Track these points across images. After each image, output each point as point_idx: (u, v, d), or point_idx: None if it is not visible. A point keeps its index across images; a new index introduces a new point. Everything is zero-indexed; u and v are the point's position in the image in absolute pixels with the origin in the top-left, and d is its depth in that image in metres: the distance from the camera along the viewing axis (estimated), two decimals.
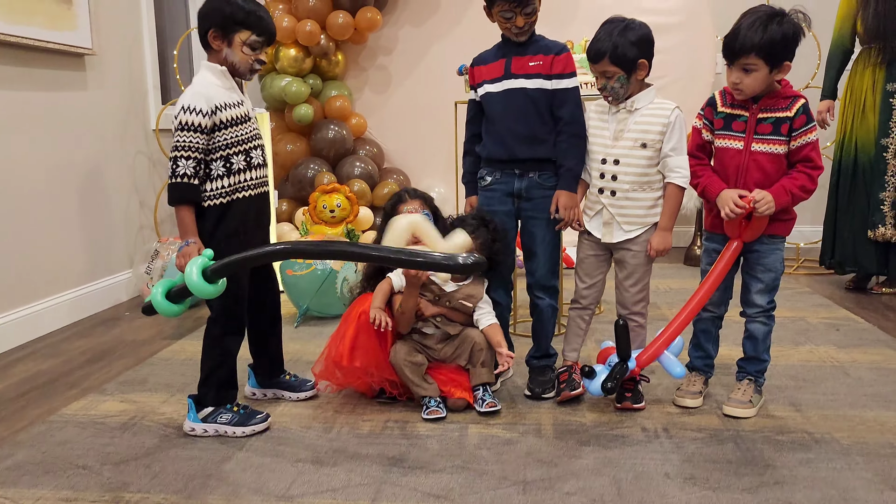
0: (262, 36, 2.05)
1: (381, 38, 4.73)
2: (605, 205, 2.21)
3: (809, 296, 3.62)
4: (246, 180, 2.09)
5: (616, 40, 2.08)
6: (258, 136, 2.16)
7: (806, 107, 2.04)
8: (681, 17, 4.54)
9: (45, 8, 3.15)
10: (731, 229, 2.09)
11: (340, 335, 2.29)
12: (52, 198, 3.27)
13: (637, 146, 2.15)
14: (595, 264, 2.30)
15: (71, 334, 3.17)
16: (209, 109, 1.97)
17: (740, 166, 2.10)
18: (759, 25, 1.97)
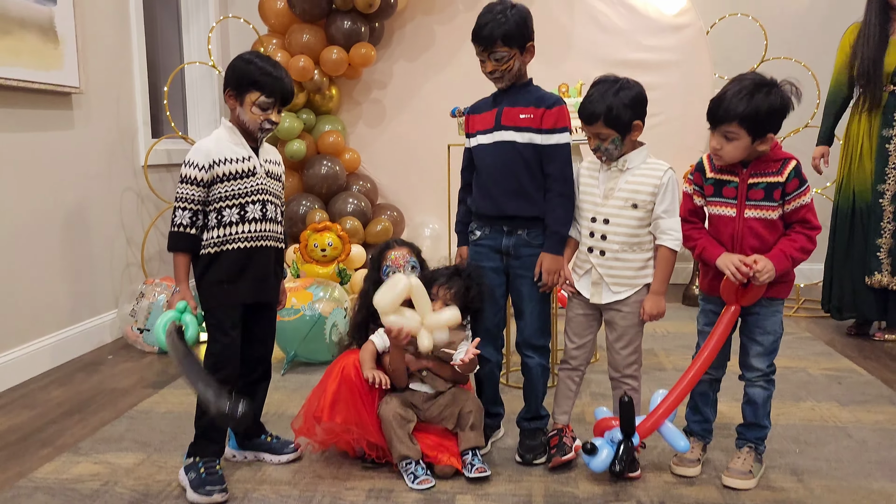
0: (271, 97, 2.09)
1: (375, 72, 4.68)
2: (594, 264, 2.13)
3: (810, 342, 3.54)
4: (238, 233, 2.10)
5: (610, 102, 2.01)
6: (263, 191, 2.14)
7: (798, 169, 1.97)
8: (678, 55, 4.50)
9: (31, 48, 3.09)
10: (728, 295, 2.01)
11: (321, 390, 2.23)
12: (34, 239, 3.19)
13: (628, 206, 2.08)
14: (585, 324, 2.21)
15: (50, 381, 3.07)
16: (206, 164, 2.06)
17: (735, 234, 2.03)
18: (744, 94, 1.90)
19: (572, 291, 2.21)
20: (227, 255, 2.10)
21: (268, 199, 2.16)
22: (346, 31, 4.30)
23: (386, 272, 2.28)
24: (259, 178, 2.14)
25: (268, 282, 2.20)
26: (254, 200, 2.12)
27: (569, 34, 4.53)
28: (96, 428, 2.56)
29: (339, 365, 2.24)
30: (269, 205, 2.17)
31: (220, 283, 2.10)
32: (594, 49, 4.54)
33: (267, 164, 2.19)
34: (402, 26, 4.67)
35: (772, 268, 1.93)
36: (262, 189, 2.15)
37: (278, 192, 2.23)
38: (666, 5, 4.48)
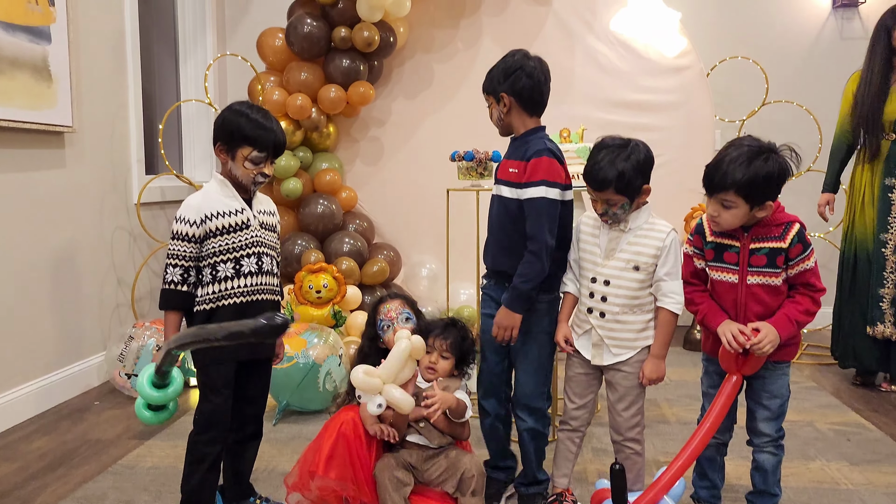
0: (263, 151, 2.04)
1: (373, 109, 4.64)
2: (594, 326, 2.06)
3: (816, 392, 3.46)
4: (234, 288, 2.05)
5: (621, 167, 1.94)
6: (258, 243, 2.09)
7: (801, 234, 1.91)
8: (678, 96, 4.47)
9: (23, 87, 3.04)
10: (728, 364, 1.93)
11: (318, 445, 2.15)
12: (22, 281, 3.11)
13: (629, 268, 2.01)
14: (585, 383, 2.14)
15: (33, 430, 2.97)
16: (198, 219, 2.02)
17: (737, 301, 1.96)
18: (741, 161, 1.84)
19: (571, 351, 2.14)
20: (223, 311, 2.04)
21: (263, 251, 2.10)
22: (344, 70, 4.27)
23: (381, 326, 2.22)
24: (253, 231, 2.08)
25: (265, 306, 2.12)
26: (248, 254, 2.07)
27: (570, 75, 4.50)
28: (79, 484, 2.45)
29: (336, 421, 2.16)
30: (265, 257, 2.11)
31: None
32: (595, 90, 4.51)
33: (261, 215, 2.13)
34: (402, 64, 4.64)
35: (775, 336, 1.86)
36: (257, 241, 2.09)
37: (273, 244, 2.16)
38: (666, 47, 4.46)
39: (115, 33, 3.80)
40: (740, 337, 1.88)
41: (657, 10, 4.44)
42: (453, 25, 4.58)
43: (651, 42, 4.47)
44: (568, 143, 3.20)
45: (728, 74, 4.55)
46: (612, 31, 4.49)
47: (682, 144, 4.47)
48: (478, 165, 3.09)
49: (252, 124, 2.02)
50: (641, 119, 4.50)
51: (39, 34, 3.13)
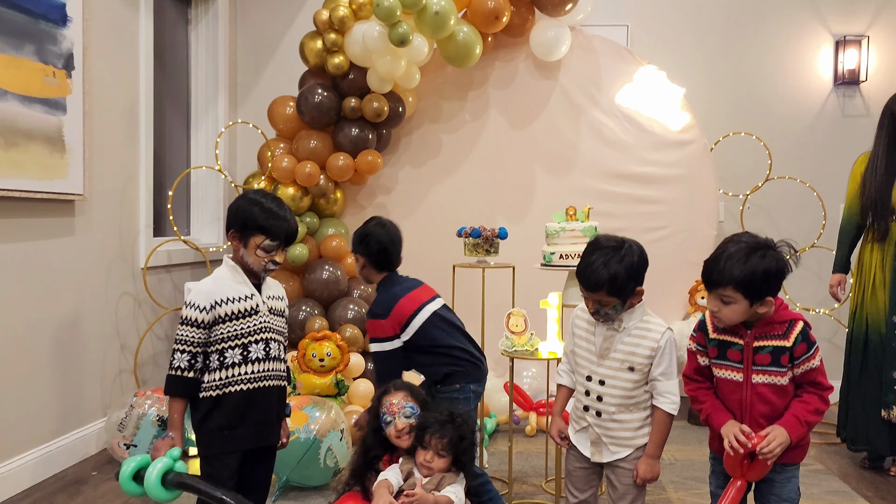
0: (275, 240, 2.07)
1: (381, 177, 4.70)
2: (591, 423, 2.05)
3: (823, 477, 3.40)
4: (240, 374, 2.05)
5: (614, 270, 1.95)
6: (266, 329, 2.11)
7: (805, 332, 1.89)
8: (681, 170, 4.52)
9: (37, 158, 3.09)
10: (733, 468, 1.89)
11: None
12: (24, 349, 3.11)
13: (624, 368, 2.00)
14: (585, 477, 2.11)
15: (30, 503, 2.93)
16: (207, 305, 2.03)
17: (743, 401, 1.94)
18: (739, 257, 1.85)
19: (566, 446, 2.12)
20: (230, 398, 2.04)
21: (271, 337, 2.11)
22: (353, 139, 4.33)
23: (384, 419, 2.19)
24: (262, 317, 2.09)
25: (270, 424, 2.14)
26: (257, 340, 2.08)
27: (575, 147, 4.56)
28: None
29: None
30: (273, 343, 2.12)
31: (221, 430, 2.04)
32: (599, 162, 4.57)
33: (270, 300, 2.15)
34: (409, 134, 4.71)
35: (785, 438, 1.83)
36: (266, 327, 2.10)
37: (281, 329, 2.18)
38: (670, 121, 4.53)
39: (129, 101, 3.88)
40: (742, 438, 1.85)
41: (661, 85, 4.52)
42: (461, 97, 4.67)
43: (655, 116, 4.54)
44: (574, 221, 3.22)
45: (731, 149, 4.61)
46: (617, 105, 4.57)
47: (685, 217, 4.50)
48: (484, 242, 3.11)
49: (265, 213, 2.05)
50: (645, 192, 4.54)
51: (55, 105, 3.19)
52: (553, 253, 3.04)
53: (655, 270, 4.09)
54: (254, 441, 2.08)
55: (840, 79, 4.74)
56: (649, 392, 2.01)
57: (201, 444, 2.06)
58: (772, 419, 1.90)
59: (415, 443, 2.11)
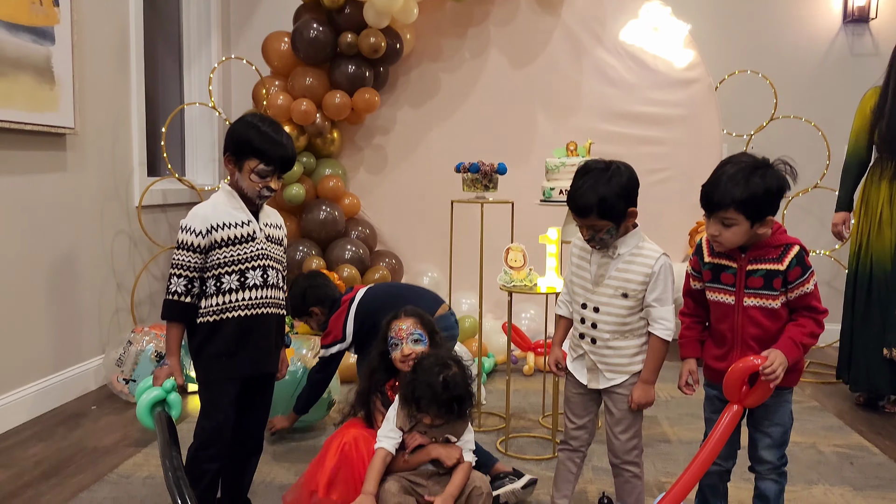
0: (270, 165, 2.01)
1: (378, 117, 4.62)
2: (587, 351, 2.04)
3: (819, 413, 3.42)
4: (237, 300, 2.01)
5: (602, 192, 1.90)
6: (263, 256, 2.06)
7: (800, 256, 1.86)
8: (685, 110, 4.44)
9: (25, 90, 3.01)
10: (732, 394, 1.88)
11: (319, 464, 2.13)
12: (21, 284, 3.08)
13: (618, 295, 1.97)
14: (583, 403, 2.11)
15: (29, 436, 2.94)
16: (203, 230, 1.99)
17: (734, 324, 1.92)
18: (740, 178, 1.79)
19: (561, 375, 2.12)
20: (227, 324, 2.01)
21: (269, 264, 2.07)
22: (349, 76, 4.24)
23: (391, 343, 2.19)
24: (259, 243, 2.05)
25: (269, 352, 2.11)
26: (254, 266, 2.03)
27: (577, 87, 4.48)
28: (74, 493, 2.42)
29: (338, 440, 2.15)
30: (271, 270, 2.08)
31: (219, 357, 2.02)
32: (603, 102, 4.49)
33: (267, 227, 2.10)
34: (408, 72, 4.61)
35: (784, 360, 1.82)
36: (263, 254, 2.06)
37: (279, 257, 2.14)
38: (675, 59, 4.43)
39: (118, 36, 3.78)
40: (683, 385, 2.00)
41: (666, 21, 4.41)
42: (460, 34, 4.56)
43: (660, 54, 4.44)
44: (574, 156, 3.16)
45: (736, 88, 4.52)
46: (621, 43, 4.47)
47: (688, 158, 4.44)
48: (483, 177, 3.06)
49: (261, 137, 1.99)
50: (649, 132, 4.47)
51: (43, 35, 3.10)
52: (553, 188, 2.99)
53: (657, 211, 4.08)
54: (251, 368, 2.06)
55: (849, 16, 4.62)
56: (645, 319, 2.00)
57: (199, 370, 2.04)
58: (763, 342, 1.88)
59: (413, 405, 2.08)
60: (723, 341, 1.96)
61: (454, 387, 2.05)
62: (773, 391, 1.88)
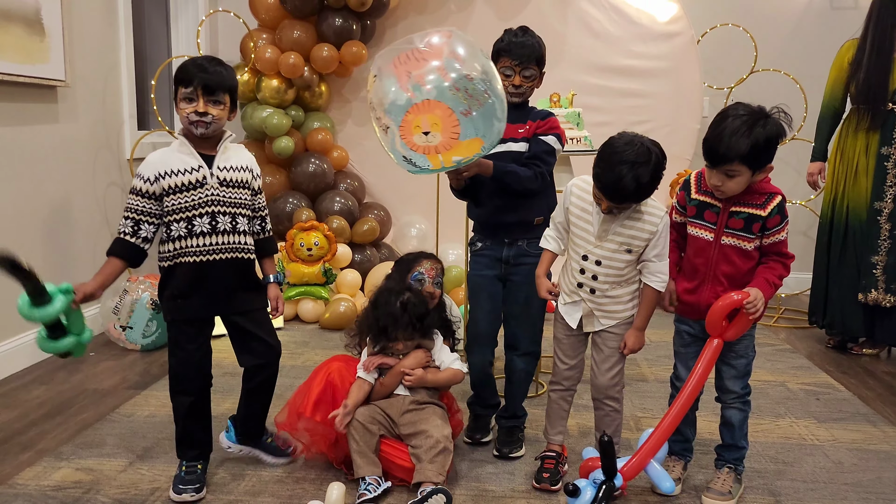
0: (188, 86, 1.98)
1: (365, 70, 4.65)
2: (584, 299, 2.14)
3: (789, 355, 3.58)
4: (186, 247, 2.05)
5: (643, 181, 1.93)
6: (213, 202, 2.05)
7: (781, 206, 1.97)
8: (668, 63, 4.51)
9: (16, 42, 3.05)
10: (714, 327, 2.01)
11: (306, 389, 2.28)
12: (16, 233, 3.15)
13: (621, 250, 2.06)
14: (574, 345, 2.22)
15: (31, 380, 3.05)
16: (152, 176, 2.03)
17: (710, 258, 2.04)
18: (743, 131, 1.87)
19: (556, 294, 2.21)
20: (179, 268, 2.06)
21: (218, 210, 2.06)
22: (337, 29, 4.28)
23: (416, 277, 2.33)
24: (209, 189, 2.05)
25: (225, 295, 2.12)
26: (201, 213, 2.04)
27: (562, 39, 4.52)
28: (78, 430, 2.54)
29: (324, 369, 2.30)
30: (221, 216, 2.07)
31: (174, 299, 2.08)
32: (586, 55, 4.54)
33: (224, 171, 2.07)
34: (394, 25, 4.64)
35: (762, 297, 1.94)
36: (212, 200, 2.05)
37: (237, 201, 2.10)
38: (658, 12, 4.49)
39: None
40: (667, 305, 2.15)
41: None
42: None
43: (643, 7, 4.50)
44: (558, 107, 3.25)
45: (718, 42, 4.59)
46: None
47: (670, 110, 4.53)
48: None
49: (187, 63, 2.01)
50: (631, 85, 4.55)
51: None
52: None
53: None
54: (206, 311, 2.11)
55: None
56: (639, 270, 2.10)
57: (164, 312, 2.13)
58: (732, 279, 2.01)
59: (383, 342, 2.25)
60: (694, 275, 2.08)
61: (412, 307, 2.20)
62: None
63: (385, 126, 2.01)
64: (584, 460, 2.11)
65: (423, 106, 1.96)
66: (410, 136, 1.98)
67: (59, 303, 1.89)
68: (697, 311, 2.08)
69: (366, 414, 2.18)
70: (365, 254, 4.38)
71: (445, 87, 1.95)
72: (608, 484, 1.94)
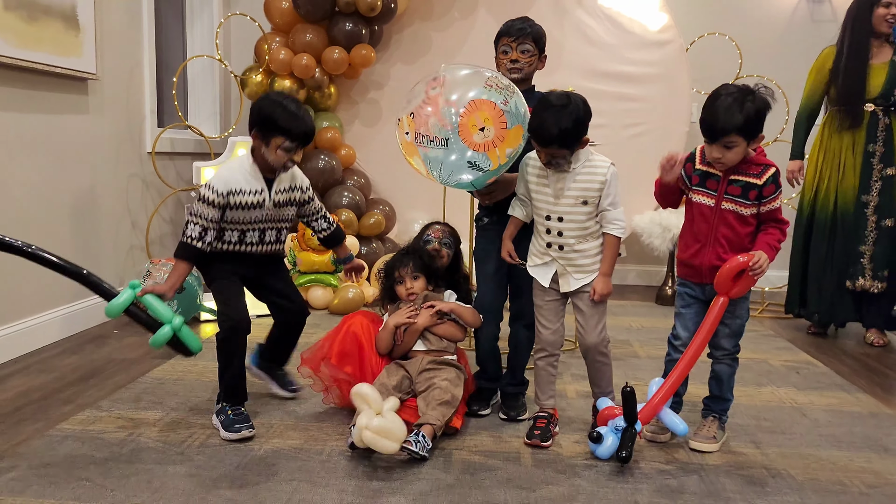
0: (294, 141, 2.32)
1: (373, 73, 4.90)
2: (555, 257, 2.34)
3: (773, 339, 3.82)
4: (234, 249, 2.43)
5: (563, 126, 2.17)
6: (266, 220, 2.42)
7: (776, 176, 2.21)
8: (659, 69, 4.78)
9: (54, 35, 3.27)
10: (722, 286, 2.22)
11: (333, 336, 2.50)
12: (46, 217, 3.35)
13: (578, 203, 2.28)
14: (554, 309, 2.41)
15: (62, 350, 3.24)
16: (224, 191, 2.33)
17: (711, 223, 2.27)
18: (736, 106, 2.11)
19: (516, 262, 2.43)
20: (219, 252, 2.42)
21: (268, 226, 2.45)
22: (347, 33, 4.52)
23: (427, 238, 2.62)
24: (266, 210, 2.40)
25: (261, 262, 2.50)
26: (254, 228, 2.42)
27: (559, 47, 4.79)
28: (113, 390, 2.74)
29: (348, 322, 2.53)
30: (269, 231, 2.45)
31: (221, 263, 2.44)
32: (583, 61, 4.81)
33: (279, 193, 2.42)
34: (401, 31, 4.90)
35: (766, 258, 2.18)
36: (266, 218, 2.42)
37: (285, 217, 2.48)
38: (650, 22, 4.77)
39: None
40: (665, 161, 2.29)
41: None
42: None
43: (636, 17, 4.78)
44: None
45: (706, 49, 4.87)
46: (600, 6, 4.79)
47: (661, 114, 4.80)
48: None
49: (287, 115, 2.28)
50: (625, 89, 4.81)
51: None
52: None
53: (632, 163, 4.44)
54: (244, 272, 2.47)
55: None
56: (599, 223, 2.31)
57: (206, 276, 2.47)
58: (731, 242, 2.24)
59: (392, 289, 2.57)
60: (697, 239, 2.30)
61: (416, 249, 2.57)
62: None
63: (444, 140, 2.21)
64: (601, 410, 2.30)
65: (471, 106, 2.20)
66: (470, 136, 2.20)
67: (123, 296, 2.22)
68: (699, 274, 2.31)
69: (385, 374, 2.40)
70: (371, 246, 4.60)
71: (482, 86, 2.22)
72: (631, 430, 2.15)
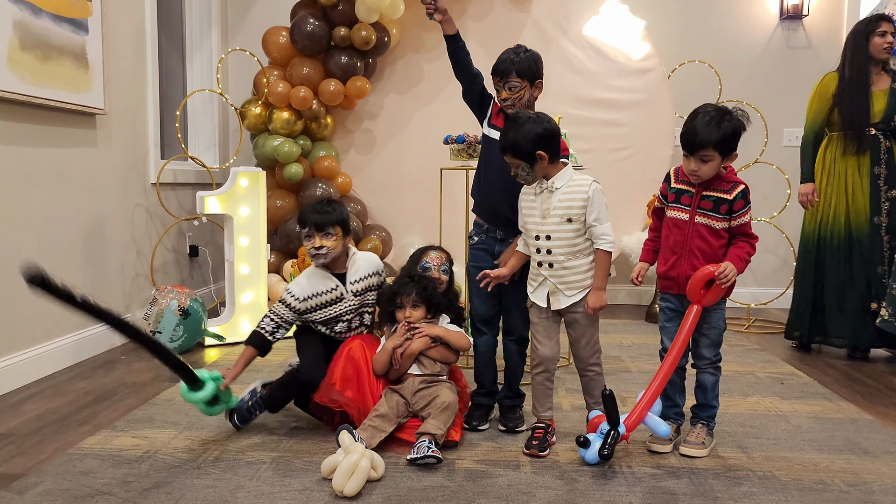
0: (304, 227, 2.53)
1: (367, 103, 5.08)
2: (546, 276, 2.48)
3: (759, 353, 3.96)
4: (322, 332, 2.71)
5: (514, 137, 2.36)
6: (350, 311, 2.64)
7: (745, 192, 2.38)
8: (643, 96, 4.98)
9: (67, 72, 3.42)
10: (693, 295, 2.39)
11: (335, 363, 2.58)
12: (57, 246, 3.48)
13: (564, 221, 2.42)
14: (548, 327, 2.54)
15: (73, 375, 3.35)
16: (302, 296, 2.60)
17: (686, 235, 2.44)
18: (714, 124, 2.31)
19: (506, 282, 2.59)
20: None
21: (353, 316, 2.66)
22: (343, 66, 4.70)
23: (424, 265, 2.70)
24: (346, 303, 2.62)
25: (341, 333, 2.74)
26: (339, 320, 2.64)
27: (546, 75, 4.94)
28: (126, 411, 2.84)
29: (346, 347, 2.61)
30: (355, 319, 2.68)
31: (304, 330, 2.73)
32: (568, 88, 5.01)
33: (354, 284, 2.63)
34: (394, 63, 5.09)
35: (734, 269, 2.34)
36: (350, 310, 2.64)
37: (367, 301, 2.68)
38: (633, 51, 4.98)
39: (137, 28, 4.19)
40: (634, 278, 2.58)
41: (624, 18, 4.96)
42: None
43: (619, 46, 4.98)
44: None
45: (687, 76, 5.07)
46: (585, 36, 5.00)
47: (645, 139, 4.99)
48: (468, 147, 3.54)
49: (304, 209, 2.56)
50: (610, 115, 5.00)
51: (79, 25, 3.52)
52: None
53: (618, 186, 4.63)
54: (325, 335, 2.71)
55: (785, 13, 5.22)
56: (589, 240, 2.45)
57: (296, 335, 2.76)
58: (705, 254, 2.40)
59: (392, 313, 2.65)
60: (674, 251, 2.47)
61: (420, 278, 2.64)
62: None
63: None
64: (591, 419, 2.43)
65: None
66: None
67: (209, 388, 2.44)
68: (677, 285, 2.47)
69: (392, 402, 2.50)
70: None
71: None
72: (614, 431, 2.28)
